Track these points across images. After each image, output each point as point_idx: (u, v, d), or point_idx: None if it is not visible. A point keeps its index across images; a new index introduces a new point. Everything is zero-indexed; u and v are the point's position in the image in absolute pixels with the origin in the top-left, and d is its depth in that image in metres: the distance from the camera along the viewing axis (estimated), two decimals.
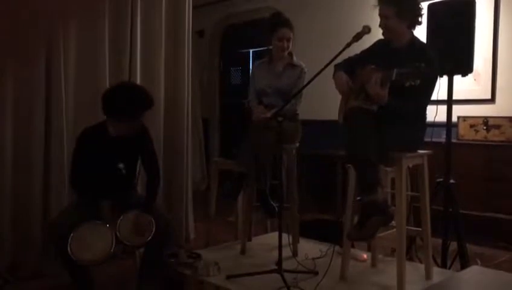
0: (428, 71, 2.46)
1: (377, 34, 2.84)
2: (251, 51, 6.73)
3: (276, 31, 3.37)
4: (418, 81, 2.39)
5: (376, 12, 2.83)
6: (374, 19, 2.83)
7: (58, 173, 3.29)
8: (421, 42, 2.80)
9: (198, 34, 6.72)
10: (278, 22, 3.40)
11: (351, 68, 2.87)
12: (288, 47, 3.40)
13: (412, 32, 2.77)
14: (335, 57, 2.67)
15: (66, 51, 3.33)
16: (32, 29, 3.17)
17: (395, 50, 2.73)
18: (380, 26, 2.73)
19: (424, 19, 3.21)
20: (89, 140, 2.79)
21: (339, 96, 2.97)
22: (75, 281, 2.69)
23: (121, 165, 2.81)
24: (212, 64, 7.04)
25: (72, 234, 2.53)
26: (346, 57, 2.89)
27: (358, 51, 2.95)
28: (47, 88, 3.26)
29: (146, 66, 3.77)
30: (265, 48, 3.58)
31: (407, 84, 2.41)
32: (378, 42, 2.91)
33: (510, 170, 3.93)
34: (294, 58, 3.46)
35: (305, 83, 3.24)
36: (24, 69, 3.17)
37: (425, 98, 2.67)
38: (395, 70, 2.45)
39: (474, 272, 1.66)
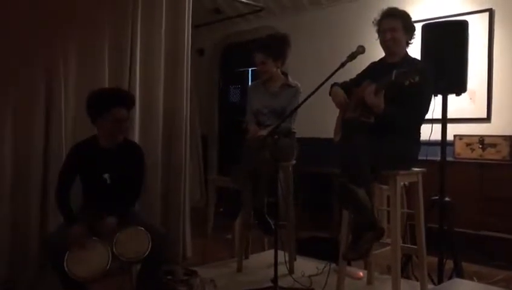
0: (426, 69, 2.54)
1: (370, 56, 2.91)
2: (250, 69, 6.80)
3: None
4: (417, 78, 2.44)
5: (372, 32, 2.90)
6: (368, 41, 2.90)
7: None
8: (413, 57, 2.88)
9: (199, 52, 6.81)
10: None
11: (347, 89, 2.93)
12: (265, 71, 3.42)
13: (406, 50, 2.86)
14: (330, 76, 2.70)
15: (66, 69, 3.36)
16: (32, 41, 3.19)
17: (390, 65, 2.78)
18: (385, 39, 2.79)
19: (418, 39, 3.29)
20: (79, 154, 2.84)
21: (335, 115, 3.01)
22: None
23: (105, 175, 2.82)
24: (212, 82, 7.11)
25: (68, 251, 2.54)
26: (341, 77, 2.93)
27: (352, 71, 3.01)
28: (46, 101, 3.28)
29: (145, 83, 3.79)
30: None
31: (407, 82, 2.45)
32: (372, 63, 2.97)
33: (505, 189, 3.95)
34: (290, 78, 3.48)
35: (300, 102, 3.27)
36: (24, 81, 3.19)
37: (425, 100, 2.71)
38: (394, 71, 2.50)
39: (456, 285, 1.68)
